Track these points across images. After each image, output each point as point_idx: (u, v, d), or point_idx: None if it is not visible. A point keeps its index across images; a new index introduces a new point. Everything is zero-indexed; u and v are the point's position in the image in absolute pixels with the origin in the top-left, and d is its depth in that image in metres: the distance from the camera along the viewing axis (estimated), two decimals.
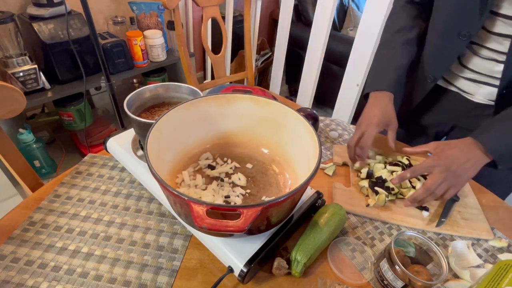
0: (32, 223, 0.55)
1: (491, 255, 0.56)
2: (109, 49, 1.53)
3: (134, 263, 0.50)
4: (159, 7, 1.75)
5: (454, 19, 0.64)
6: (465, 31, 0.62)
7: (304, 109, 0.79)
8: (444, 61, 0.70)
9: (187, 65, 1.05)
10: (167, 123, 0.49)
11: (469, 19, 0.61)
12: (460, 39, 0.63)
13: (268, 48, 2.44)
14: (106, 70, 1.21)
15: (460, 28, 0.62)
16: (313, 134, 0.47)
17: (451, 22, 0.65)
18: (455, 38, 0.64)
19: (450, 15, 0.64)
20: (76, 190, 0.62)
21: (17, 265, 0.48)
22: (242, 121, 0.58)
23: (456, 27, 0.63)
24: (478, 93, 0.70)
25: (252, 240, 0.47)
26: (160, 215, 0.58)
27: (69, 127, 1.62)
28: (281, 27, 1.76)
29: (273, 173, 0.57)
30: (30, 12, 1.35)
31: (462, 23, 0.62)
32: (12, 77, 1.29)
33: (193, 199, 0.36)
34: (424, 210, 0.62)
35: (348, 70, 1.47)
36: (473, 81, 0.70)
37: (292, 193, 0.39)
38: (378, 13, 1.23)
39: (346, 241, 0.56)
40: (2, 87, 0.56)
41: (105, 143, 0.65)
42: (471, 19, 0.60)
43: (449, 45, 0.67)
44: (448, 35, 0.66)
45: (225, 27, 1.20)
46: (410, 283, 0.44)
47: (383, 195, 0.62)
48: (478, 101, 0.71)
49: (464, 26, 0.62)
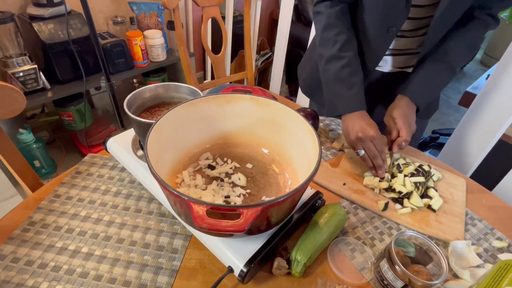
0: (32, 223, 0.55)
1: (491, 255, 0.57)
2: (109, 49, 1.53)
3: (134, 263, 0.50)
4: (159, 7, 1.75)
5: (383, 17, 0.70)
6: (394, 26, 0.70)
7: (304, 109, 0.79)
8: (376, 55, 0.77)
9: (187, 65, 1.05)
10: (167, 123, 0.49)
11: (397, 16, 0.68)
12: (389, 34, 0.71)
13: (268, 48, 2.44)
14: (106, 70, 1.21)
15: (389, 25, 0.70)
16: (313, 134, 0.47)
17: (381, 20, 0.71)
18: (384, 33, 0.72)
19: (380, 14, 0.70)
20: (76, 190, 0.62)
21: (17, 265, 0.48)
22: (242, 121, 0.58)
23: (385, 24, 0.70)
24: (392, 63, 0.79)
25: (252, 240, 0.47)
26: (160, 215, 0.58)
27: (69, 127, 1.62)
28: (281, 27, 1.76)
29: (273, 173, 0.57)
30: (30, 12, 1.35)
31: (391, 20, 0.69)
32: (12, 77, 1.29)
33: (193, 199, 0.36)
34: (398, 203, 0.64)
35: None
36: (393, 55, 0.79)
37: (292, 193, 0.39)
38: None
39: (346, 241, 0.56)
40: (2, 87, 0.56)
41: (105, 143, 0.65)
42: (398, 16, 0.68)
43: (380, 40, 0.74)
44: (378, 31, 0.73)
45: (225, 27, 1.20)
46: (410, 283, 0.44)
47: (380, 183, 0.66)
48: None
49: (392, 23, 0.70)
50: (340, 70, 0.72)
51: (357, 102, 0.70)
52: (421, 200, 0.63)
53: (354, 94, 0.71)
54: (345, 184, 0.67)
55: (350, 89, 0.71)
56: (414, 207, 0.63)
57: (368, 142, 0.66)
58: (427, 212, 0.63)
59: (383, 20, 0.70)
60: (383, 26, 0.71)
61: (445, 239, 0.58)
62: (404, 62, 0.81)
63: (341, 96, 0.72)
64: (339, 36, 0.72)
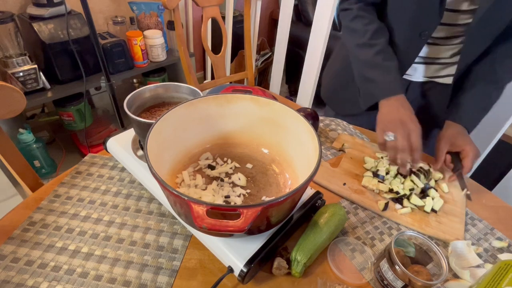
0: (32, 223, 0.55)
1: (491, 255, 0.57)
2: (109, 49, 1.53)
3: (134, 263, 0.50)
4: (159, 7, 1.75)
5: (415, 21, 0.68)
6: (426, 31, 0.67)
7: (304, 109, 0.79)
8: (407, 59, 0.74)
9: (187, 65, 1.05)
10: (167, 123, 0.49)
11: (429, 20, 0.66)
12: (421, 38, 0.69)
13: (268, 48, 2.44)
14: (106, 70, 1.21)
15: (421, 29, 0.67)
16: (313, 134, 0.47)
17: (412, 23, 0.68)
18: (416, 38, 0.69)
19: (412, 17, 0.68)
20: (76, 190, 0.62)
21: (17, 265, 0.48)
22: (242, 121, 0.58)
23: (417, 28, 0.68)
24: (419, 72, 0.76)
25: (252, 240, 0.47)
26: (160, 215, 0.58)
27: (69, 127, 1.62)
28: (281, 27, 1.76)
29: (273, 173, 0.57)
30: (30, 12, 1.35)
31: (423, 25, 0.67)
32: (12, 77, 1.29)
33: (193, 199, 0.36)
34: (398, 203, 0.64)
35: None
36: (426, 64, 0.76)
37: (292, 193, 0.39)
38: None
39: (346, 241, 0.56)
40: (2, 87, 0.56)
41: (105, 143, 0.65)
42: (431, 20, 0.65)
43: (411, 45, 0.72)
44: (409, 36, 0.70)
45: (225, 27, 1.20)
46: (410, 283, 0.44)
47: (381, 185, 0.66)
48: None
49: (424, 27, 0.67)
50: (373, 56, 0.69)
51: (395, 85, 0.67)
52: (421, 200, 0.63)
53: (392, 78, 0.68)
54: (345, 184, 0.67)
55: (387, 74, 0.68)
56: (414, 207, 0.63)
57: (405, 132, 0.61)
58: (427, 212, 0.63)
59: (414, 23, 0.67)
60: (414, 29, 0.68)
61: (445, 239, 0.58)
62: (435, 72, 0.77)
63: (378, 82, 0.69)
64: (369, 26, 0.70)
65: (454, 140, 0.67)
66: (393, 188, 0.65)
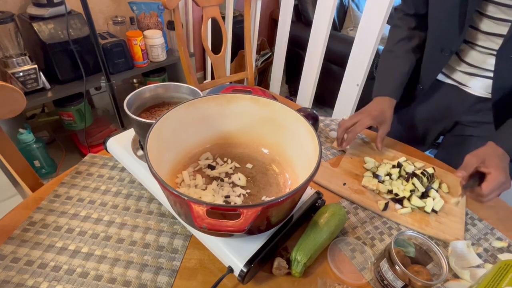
0: (32, 223, 0.55)
1: (491, 255, 0.57)
2: (109, 49, 1.53)
3: (134, 263, 0.50)
4: (159, 7, 1.75)
5: (437, 37, 0.70)
6: (447, 47, 0.69)
7: (304, 109, 0.79)
8: (430, 74, 0.77)
9: (187, 65, 1.05)
10: (167, 123, 0.49)
11: (450, 37, 0.67)
12: (443, 55, 0.70)
13: (268, 48, 2.44)
14: (106, 70, 1.21)
15: (442, 45, 0.69)
16: (313, 134, 0.47)
17: (434, 39, 0.71)
18: (438, 53, 0.71)
19: (433, 33, 0.71)
20: (76, 190, 0.62)
21: (17, 265, 0.48)
22: (242, 121, 0.58)
23: (438, 44, 0.70)
24: (475, 86, 0.73)
25: (252, 240, 0.47)
26: (160, 215, 0.58)
27: (69, 127, 1.62)
28: (281, 27, 1.76)
29: (273, 173, 0.57)
30: (30, 12, 1.35)
31: (444, 41, 0.69)
32: (12, 77, 1.29)
33: (193, 199, 0.36)
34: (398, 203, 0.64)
35: (348, 70, 1.47)
36: (469, 74, 0.73)
37: (292, 193, 0.39)
38: (378, 13, 1.23)
39: (346, 241, 0.56)
40: (2, 87, 0.56)
41: (105, 143, 0.65)
42: (451, 37, 0.67)
43: (434, 59, 0.75)
44: (432, 51, 0.73)
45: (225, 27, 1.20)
46: (410, 283, 0.44)
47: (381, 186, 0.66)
48: (476, 93, 0.74)
49: (445, 44, 0.69)
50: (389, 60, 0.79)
51: (386, 87, 0.74)
52: (422, 200, 0.63)
53: (390, 80, 0.75)
54: (345, 184, 0.67)
55: (389, 77, 0.76)
56: (415, 207, 0.63)
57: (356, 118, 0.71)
58: (427, 212, 0.63)
59: (435, 39, 0.71)
60: (436, 45, 0.71)
61: (445, 239, 0.58)
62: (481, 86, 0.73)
63: (380, 82, 0.77)
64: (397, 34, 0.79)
65: (487, 159, 0.61)
66: (393, 189, 0.65)
